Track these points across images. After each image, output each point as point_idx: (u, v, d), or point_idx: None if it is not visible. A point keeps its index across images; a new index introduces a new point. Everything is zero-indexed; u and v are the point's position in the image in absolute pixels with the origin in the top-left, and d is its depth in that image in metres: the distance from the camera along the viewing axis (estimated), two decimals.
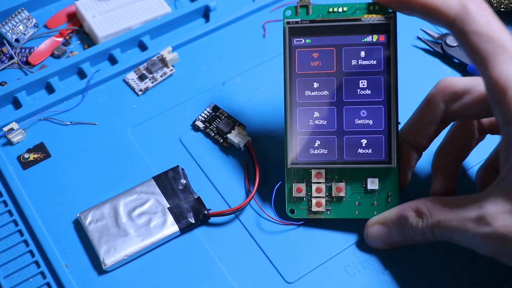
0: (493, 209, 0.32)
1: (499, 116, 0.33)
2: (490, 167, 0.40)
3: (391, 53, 0.39)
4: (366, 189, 0.41)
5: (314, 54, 0.40)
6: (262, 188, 0.44)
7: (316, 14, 0.40)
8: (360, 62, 0.40)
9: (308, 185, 0.41)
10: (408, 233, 0.37)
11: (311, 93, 0.40)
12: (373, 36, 0.40)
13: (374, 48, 0.40)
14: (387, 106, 0.40)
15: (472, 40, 0.33)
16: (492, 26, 0.33)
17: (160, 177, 0.43)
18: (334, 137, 0.40)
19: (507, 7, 0.52)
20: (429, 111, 0.40)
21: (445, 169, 0.41)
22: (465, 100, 0.38)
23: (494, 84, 0.32)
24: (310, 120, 0.41)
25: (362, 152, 0.40)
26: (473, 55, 0.33)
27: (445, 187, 0.41)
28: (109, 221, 0.41)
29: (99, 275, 0.40)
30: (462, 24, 0.33)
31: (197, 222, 0.42)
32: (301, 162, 0.41)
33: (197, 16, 0.55)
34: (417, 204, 0.37)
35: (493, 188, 0.33)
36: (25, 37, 0.54)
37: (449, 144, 0.41)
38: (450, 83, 0.39)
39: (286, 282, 0.40)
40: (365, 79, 0.40)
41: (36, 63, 0.53)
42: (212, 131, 0.47)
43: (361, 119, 0.40)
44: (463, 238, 0.34)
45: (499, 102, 0.32)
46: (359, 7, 0.40)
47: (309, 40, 0.40)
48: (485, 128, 0.40)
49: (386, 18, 0.39)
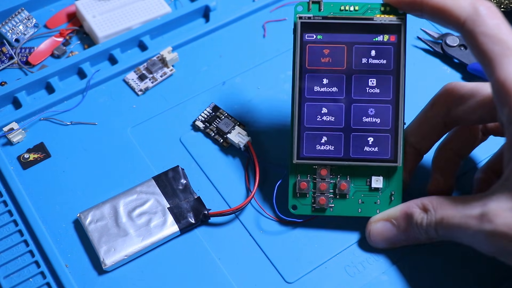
0: (496, 207, 0.32)
1: (504, 116, 0.33)
2: (489, 169, 0.41)
3: (401, 53, 0.40)
4: (370, 187, 0.41)
5: (325, 50, 0.40)
6: (262, 188, 0.44)
7: (328, 12, 0.41)
8: (370, 60, 0.40)
9: (312, 181, 0.41)
10: (412, 231, 0.38)
11: (320, 89, 0.40)
12: (384, 36, 0.40)
13: (384, 47, 0.40)
14: (395, 105, 0.40)
15: (481, 41, 0.33)
16: (501, 29, 0.33)
17: (160, 177, 0.43)
18: (341, 134, 0.40)
19: (507, 7, 0.52)
20: (433, 114, 0.40)
21: (445, 165, 0.41)
22: (469, 105, 0.38)
23: (500, 85, 0.32)
24: (318, 116, 0.41)
25: (369, 150, 0.40)
26: (481, 56, 0.34)
27: (443, 183, 0.41)
28: (109, 221, 0.41)
29: (99, 275, 0.40)
30: (473, 25, 0.34)
31: (197, 222, 0.42)
32: (307, 158, 0.41)
33: (197, 16, 0.55)
34: (422, 201, 0.37)
35: (496, 187, 0.33)
36: (25, 37, 0.54)
37: (451, 141, 0.42)
38: (455, 87, 0.39)
39: (286, 282, 0.40)
40: (375, 77, 0.40)
41: (36, 63, 0.53)
42: (212, 131, 0.47)
43: (368, 117, 0.40)
44: (465, 236, 0.34)
45: (505, 103, 0.32)
46: (370, 7, 0.40)
47: (320, 36, 0.40)
48: (488, 129, 0.41)
49: (398, 19, 0.40)
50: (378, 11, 0.40)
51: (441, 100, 0.40)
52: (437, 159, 0.42)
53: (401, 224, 0.38)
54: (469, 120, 0.39)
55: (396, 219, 0.39)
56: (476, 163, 0.45)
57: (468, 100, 0.38)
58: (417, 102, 0.43)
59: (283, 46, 0.52)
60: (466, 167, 0.45)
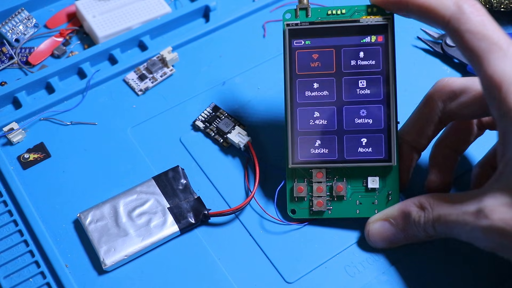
0: (492, 202, 0.33)
1: (495, 111, 0.33)
2: (486, 165, 0.41)
3: (389, 53, 0.40)
4: (366, 188, 0.41)
5: (313, 55, 0.41)
6: (262, 188, 0.44)
7: (315, 17, 0.41)
8: (359, 62, 0.40)
9: (309, 185, 0.41)
10: (410, 229, 0.38)
11: (311, 93, 0.41)
12: (372, 37, 0.40)
13: (372, 48, 0.40)
14: (386, 105, 0.40)
15: (466, 39, 0.34)
16: (486, 25, 0.34)
17: (160, 177, 0.43)
18: (335, 136, 0.40)
19: (507, 7, 0.52)
20: (428, 111, 0.40)
21: (442, 161, 0.41)
22: (462, 100, 0.38)
23: (489, 80, 0.33)
24: (311, 120, 0.41)
25: (363, 151, 0.40)
26: (468, 53, 0.34)
27: (441, 179, 0.41)
28: (109, 221, 0.41)
29: (99, 275, 0.40)
30: (457, 23, 0.34)
31: (197, 222, 0.42)
32: (302, 162, 0.41)
33: (197, 16, 0.55)
34: (419, 199, 0.37)
35: (491, 183, 0.34)
36: (25, 37, 0.54)
37: (448, 137, 0.42)
38: (448, 82, 0.39)
39: (286, 282, 0.40)
40: (364, 79, 0.40)
41: (36, 63, 0.53)
42: (212, 131, 0.47)
43: (360, 118, 0.40)
44: (463, 232, 0.34)
45: (495, 97, 0.33)
46: (357, 9, 0.40)
47: (308, 41, 0.41)
48: (484, 124, 0.41)
49: (384, 19, 0.40)
50: (365, 12, 0.40)
51: (434, 97, 0.40)
52: (434, 156, 0.42)
53: (399, 223, 0.38)
54: (463, 115, 0.39)
55: (394, 218, 0.39)
56: (474, 162, 0.45)
57: (461, 95, 0.39)
58: (417, 101, 0.43)
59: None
60: (465, 167, 0.45)
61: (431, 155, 0.42)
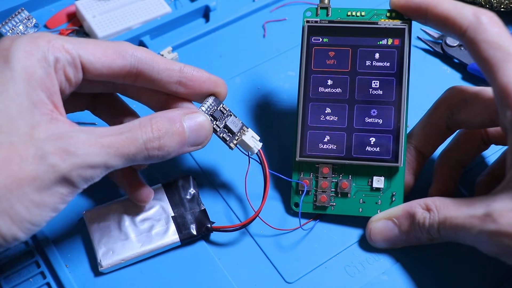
0: (500, 207, 0.33)
1: (506, 120, 0.34)
2: (491, 175, 0.42)
3: (404, 56, 0.41)
4: (371, 187, 0.41)
5: (330, 53, 0.42)
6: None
7: (335, 17, 0.42)
8: (374, 63, 0.41)
9: (315, 180, 0.41)
10: (414, 231, 0.38)
11: (325, 89, 0.41)
12: (388, 40, 0.41)
13: (388, 51, 0.41)
14: (397, 107, 0.40)
15: (483, 48, 0.35)
16: (502, 36, 0.35)
17: (169, 185, 0.42)
18: (344, 133, 0.41)
19: (507, 7, 0.52)
20: (437, 117, 0.41)
21: (447, 172, 0.42)
22: (473, 108, 0.39)
23: (502, 90, 0.34)
24: (322, 116, 0.41)
25: (370, 150, 0.40)
26: (483, 62, 0.35)
27: (444, 189, 0.41)
28: (112, 222, 0.41)
29: (99, 276, 0.40)
30: (474, 33, 0.35)
31: (198, 235, 0.41)
32: (310, 156, 0.41)
33: (197, 16, 0.55)
34: (425, 201, 0.38)
35: (500, 189, 0.34)
36: None
37: (454, 149, 0.42)
38: (459, 91, 0.40)
39: (286, 282, 0.40)
40: (378, 79, 0.41)
41: None
42: (219, 127, 0.43)
43: (371, 118, 0.41)
44: (468, 236, 0.35)
45: (507, 106, 0.33)
46: (376, 12, 0.41)
47: (326, 39, 0.42)
48: (490, 138, 0.41)
49: (402, 23, 0.41)
50: (384, 16, 0.41)
51: (444, 104, 0.41)
52: (439, 165, 0.42)
53: (403, 223, 0.38)
54: (472, 123, 0.40)
55: (398, 218, 0.39)
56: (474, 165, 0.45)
57: (471, 104, 0.39)
58: (417, 102, 0.43)
59: (283, 46, 0.52)
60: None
61: (436, 165, 0.43)
